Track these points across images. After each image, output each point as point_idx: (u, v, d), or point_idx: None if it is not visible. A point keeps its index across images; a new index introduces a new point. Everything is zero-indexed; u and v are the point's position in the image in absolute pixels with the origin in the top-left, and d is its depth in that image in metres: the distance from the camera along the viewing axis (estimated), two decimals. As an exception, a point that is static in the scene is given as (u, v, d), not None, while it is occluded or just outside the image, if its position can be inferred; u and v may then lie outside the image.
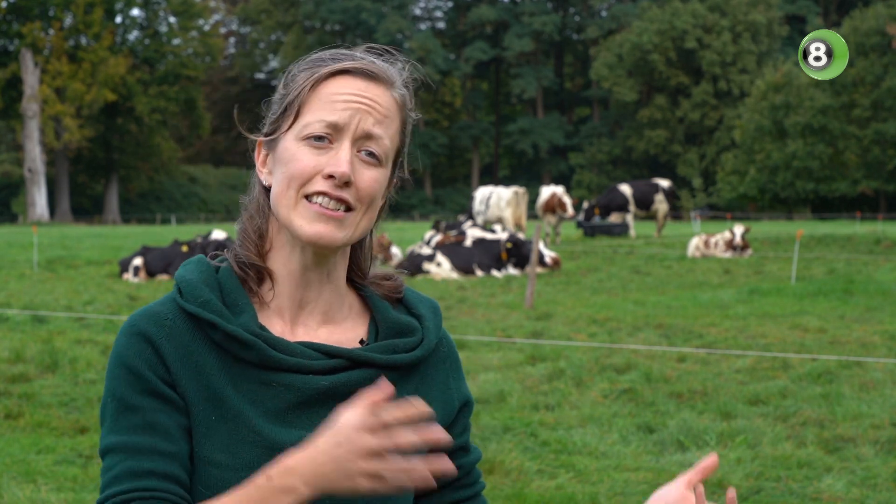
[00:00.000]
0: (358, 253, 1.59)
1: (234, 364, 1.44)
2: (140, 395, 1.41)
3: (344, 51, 1.52)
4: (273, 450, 1.39)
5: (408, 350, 1.53)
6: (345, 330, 1.55)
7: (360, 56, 1.50)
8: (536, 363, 8.82)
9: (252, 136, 1.56)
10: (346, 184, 1.43)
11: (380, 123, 1.46)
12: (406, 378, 1.54)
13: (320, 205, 1.43)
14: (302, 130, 1.45)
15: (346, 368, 1.48)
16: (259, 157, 1.54)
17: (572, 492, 5.18)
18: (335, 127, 1.44)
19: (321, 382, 1.45)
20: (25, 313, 12.04)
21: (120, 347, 1.44)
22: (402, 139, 1.53)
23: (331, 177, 1.43)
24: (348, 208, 1.45)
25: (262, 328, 1.47)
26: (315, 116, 1.45)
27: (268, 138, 1.51)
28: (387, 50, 1.55)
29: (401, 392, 1.51)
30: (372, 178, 1.46)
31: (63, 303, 13.82)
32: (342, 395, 1.45)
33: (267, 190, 1.52)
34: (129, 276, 18.23)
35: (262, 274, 1.52)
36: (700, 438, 6.20)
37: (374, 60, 1.51)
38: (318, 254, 1.48)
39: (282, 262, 1.51)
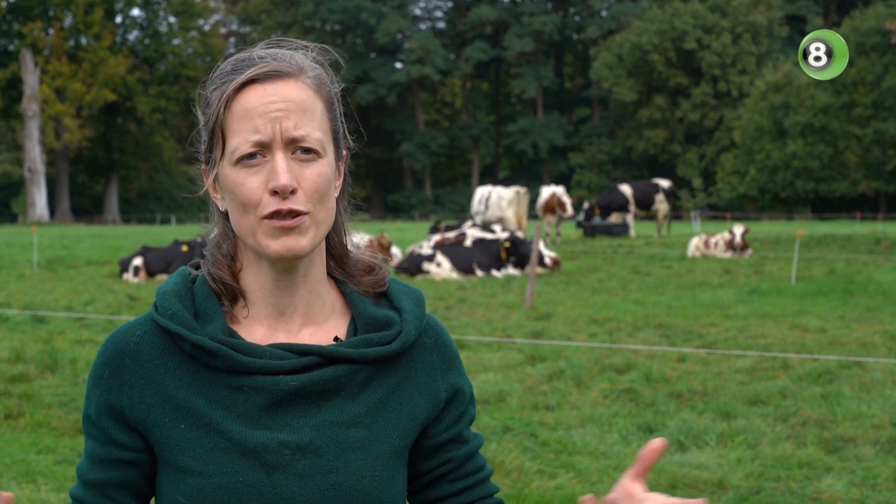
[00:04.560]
0: (333, 242, 1.59)
1: (205, 372, 1.46)
2: (92, 425, 1.51)
3: (243, 56, 1.49)
4: (245, 453, 1.43)
5: (384, 343, 1.52)
6: (326, 330, 1.54)
7: (260, 57, 1.47)
8: (536, 363, 8.82)
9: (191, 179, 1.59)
10: (292, 192, 1.43)
11: (301, 121, 1.44)
12: (386, 372, 1.53)
13: (277, 220, 1.43)
14: (232, 156, 1.44)
15: (320, 366, 1.48)
16: (209, 183, 1.54)
17: (572, 492, 5.17)
18: (261, 144, 1.43)
19: (291, 382, 1.45)
20: (25, 313, 12.04)
21: (90, 375, 1.52)
22: (332, 116, 1.51)
23: (275, 192, 1.42)
24: (302, 214, 1.44)
25: (233, 334, 1.49)
26: (239, 139, 1.43)
27: (209, 169, 1.52)
28: (285, 40, 1.53)
29: (380, 386, 1.52)
30: (315, 174, 1.45)
31: (63, 303, 13.82)
32: (315, 392, 1.47)
33: (225, 214, 1.53)
34: (129, 276, 18.23)
35: (236, 293, 1.53)
36: (700, 438, 6.20)
37: (276, 55, 1.48)
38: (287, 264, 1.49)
39: (253, 277, 1.52)
